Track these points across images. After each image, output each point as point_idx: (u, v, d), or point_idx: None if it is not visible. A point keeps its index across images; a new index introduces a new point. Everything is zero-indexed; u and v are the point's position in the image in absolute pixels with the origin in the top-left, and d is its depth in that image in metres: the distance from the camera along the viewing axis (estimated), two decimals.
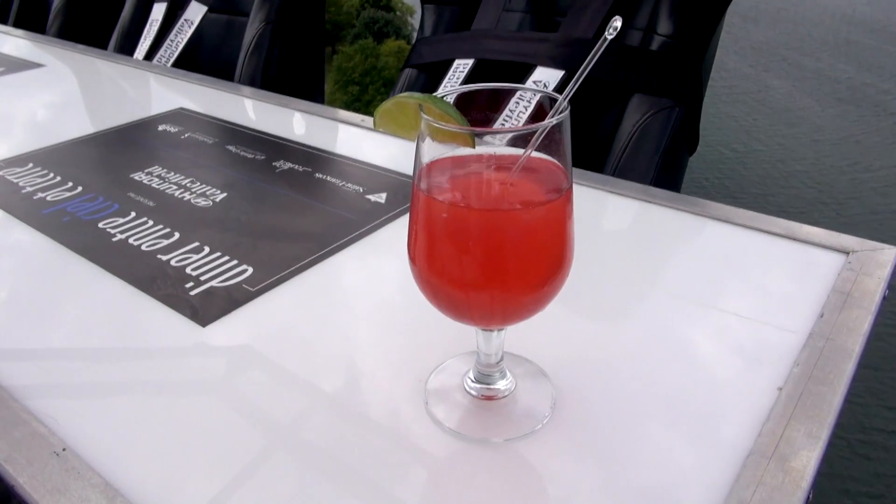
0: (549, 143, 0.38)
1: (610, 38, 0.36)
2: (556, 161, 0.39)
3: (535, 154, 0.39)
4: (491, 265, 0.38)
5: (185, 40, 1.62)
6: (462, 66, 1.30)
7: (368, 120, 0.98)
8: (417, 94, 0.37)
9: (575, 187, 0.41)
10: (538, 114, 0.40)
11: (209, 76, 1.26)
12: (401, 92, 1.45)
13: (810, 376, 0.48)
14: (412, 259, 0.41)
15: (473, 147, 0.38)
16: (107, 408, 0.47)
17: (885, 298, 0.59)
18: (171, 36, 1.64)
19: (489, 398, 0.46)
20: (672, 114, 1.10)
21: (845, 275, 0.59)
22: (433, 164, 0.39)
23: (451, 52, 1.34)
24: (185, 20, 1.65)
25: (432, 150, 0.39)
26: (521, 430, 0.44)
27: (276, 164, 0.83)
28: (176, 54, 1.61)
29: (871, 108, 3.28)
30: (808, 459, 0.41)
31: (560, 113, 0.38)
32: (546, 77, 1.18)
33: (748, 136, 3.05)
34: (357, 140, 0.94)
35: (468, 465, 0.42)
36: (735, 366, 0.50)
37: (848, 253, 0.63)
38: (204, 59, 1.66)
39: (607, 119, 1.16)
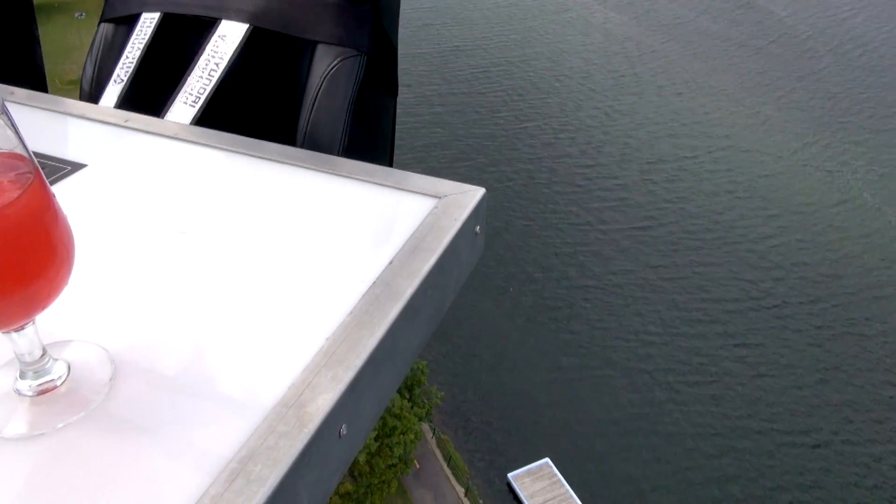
0: None
1: None
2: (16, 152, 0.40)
3: None
4: None
5: None
6: (149, 20, 1.23)
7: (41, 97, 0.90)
8: None
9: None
10: None
11: None
12: (97, 50, 1.35)
13: (357, 323, 0.54)
14: None
15: None
16: None
17: (475, 235, 0.67)
18: None
19: (44, 392, 0.48)
20: (357, 62, 1.14)
21: (428, 220, 0.66)
22: None
23: (140, 6, 1.26)
24: None
25: None
26: (76, 414, 0.46)
27: None
28: None
29: (690, 35, 3.64)
30: (323, 402, 0.47)
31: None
32: (230, 31, 1.16)
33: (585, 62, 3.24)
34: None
35: (26, 465, 0.44)
36: (294, 321, 0.55)
37: (440, 198, 0.70)
38: None
39: (298, 74, 1.17)
